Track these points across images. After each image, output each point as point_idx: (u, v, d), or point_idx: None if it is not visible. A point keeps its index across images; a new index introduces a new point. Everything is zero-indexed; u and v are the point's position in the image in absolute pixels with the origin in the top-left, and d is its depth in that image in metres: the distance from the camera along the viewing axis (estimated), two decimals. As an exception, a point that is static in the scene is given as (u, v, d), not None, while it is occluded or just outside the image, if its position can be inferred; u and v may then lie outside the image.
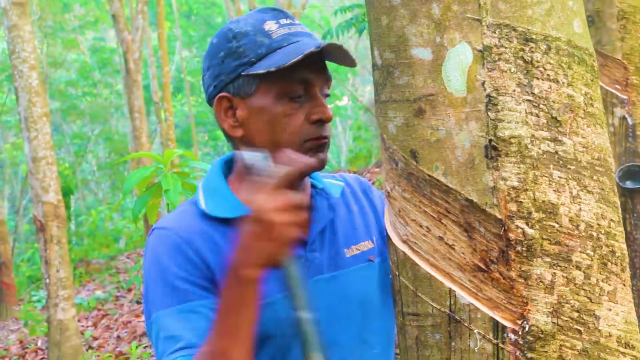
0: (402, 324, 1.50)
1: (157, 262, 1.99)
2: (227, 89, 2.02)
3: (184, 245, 1.96)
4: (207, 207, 2.03)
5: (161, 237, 2.02)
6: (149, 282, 2.00)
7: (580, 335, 1.33)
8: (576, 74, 1.37)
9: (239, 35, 2.00)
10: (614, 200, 1.41)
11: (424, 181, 1.39)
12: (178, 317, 1.92)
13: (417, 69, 1.39)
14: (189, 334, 1.89)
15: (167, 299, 1.94)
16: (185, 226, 2.01)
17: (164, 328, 1.93)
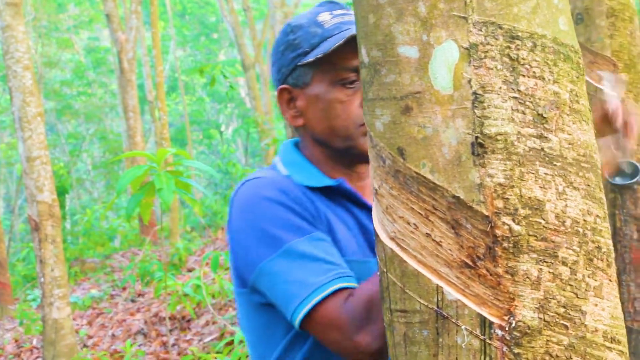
0: (390, 320, 1.51)
1: (262, 203, 1.96)
2: (287, 80, 2.11)
3: (286, 189, 1.99)
4: (295, 177, 2.07)
5: (258, 183, 2.02)
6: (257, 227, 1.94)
7: (567, 330, 1.34)
8: (562, 71, 1.38)
9: (295, 29, 2.09)
10: (600, 196, 1.42)
11: (411, 178, 1.40)
12: (312, 245, 1.89)
13: (404, 67, 1.40)
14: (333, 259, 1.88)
15: (290, 232, 1.90)
16: (278, 182, 2.04)
17: (299, 256, 1.87)
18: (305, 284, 1.83)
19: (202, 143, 35.67)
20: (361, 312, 1.77)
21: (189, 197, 5.55)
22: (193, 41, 35.62)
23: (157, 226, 16.25)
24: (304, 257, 1.86)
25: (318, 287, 1.81)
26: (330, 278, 1.82)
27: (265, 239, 1.92)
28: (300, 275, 1.85)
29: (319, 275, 1.83)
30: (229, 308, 9.41)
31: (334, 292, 1.81)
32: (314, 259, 1.86)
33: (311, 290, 1.82)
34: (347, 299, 1.80)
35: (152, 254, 15.24)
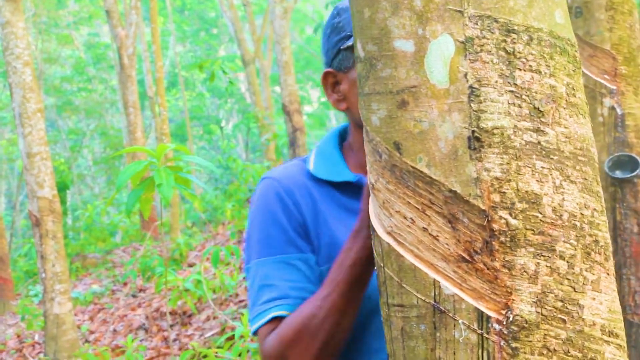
0: (388, 315, 1.51)
1: (260, 210, 2.08)
2: (332, 64, 2.12)
3: (285, 195, 2.06)
4: (314, 168, 2.12)
5: (266, 186, 2.11)
6: (251, 229, 2.09)
7: (565, 324, 1.34)
8: (558, 65, 1.38)
9: (341, 11, 2.10)
10: (597, 189, 1.42)
11: (408, 173, 1.40)
12: (274, 267, 2.01)
13: (400, 61, 1.40)
14: (285, 285, 1.97)
15: (265, 248, 2.03)
16: (290, 178, 2.11)
17: (260, 276, 2.01)
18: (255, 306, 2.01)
19: (202, 138, 35.67)
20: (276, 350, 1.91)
21: (188, 193, 5.54)
22: (193, 36, 35.59)
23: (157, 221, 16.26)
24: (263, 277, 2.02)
25: (259, 313, 1.98)
26: (271, 306, 1.96)
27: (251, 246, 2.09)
28: (255, 295, 2.02)
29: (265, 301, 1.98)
30: (229, 303, 9.42)
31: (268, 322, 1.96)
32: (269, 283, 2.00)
33: (255, 314, 2.00)
34: (270, 332, 1.95)
35: (153, 249, 15.25)
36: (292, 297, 1.96)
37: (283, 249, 2.02)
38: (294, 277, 1.99)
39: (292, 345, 1.86)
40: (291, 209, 2.05)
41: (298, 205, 2.06)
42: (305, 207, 2.06)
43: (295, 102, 12.53)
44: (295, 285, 1.98)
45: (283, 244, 2.03)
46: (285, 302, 1.95)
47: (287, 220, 2.04)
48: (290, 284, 1.98)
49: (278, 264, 2.01)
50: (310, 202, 2.07)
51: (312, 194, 2.08)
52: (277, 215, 2.04)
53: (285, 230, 2.03)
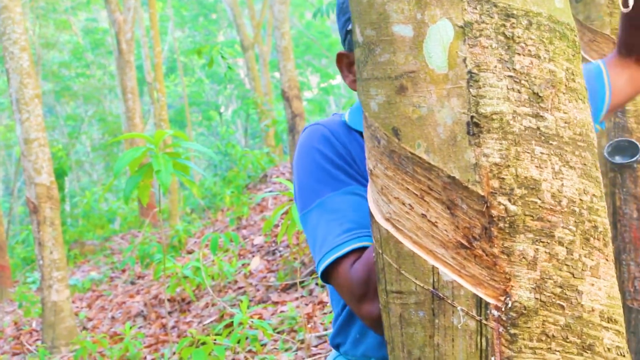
0: (386, 302, 1.50)
1: (310, 152, 2.06)
2: (344, 45, 2.10)
3: (333, 138, 2.05)
4: (349, 119, 2.12)
5: (314, 131, 2.10)
6: (303, 174, 2.06)
7: (563, 310, 1.33)
8: (557, 50, 1.37)
9: None
10: (596, 175, 1.41)
11: (406, 159, 1.39)
12: (342, 200, 1.97)
13: (399, 46, 1.39)
14: (358, 215, 1.93)
15: (326, 186, 2.00)
16: (334, 126, 2.10)
17: (328, 212, 1.96)
18: (326, 242, 1.92)
19: (201, 124, 35.64)
20: (363, 278, 1.81)
21: (187, 179, 5.54)
22: (191, 22, 35.54)
23: (156, 208, 16.26)
24: (332, 212, 1.95)
25: (335, 247, 1.89)
26: (348, 238, 1.89)
27: (307, 189, 2.05)
28: (325, 232, 1.94)
29: (339, 234, 1.90)
30: (228, 290, 9.43)
31: (348, 253, 1.88)
32: (341, 216, 1.94)
33: (329, 249, 1.90)
34: (354, 262, 1.86)
35: (152, 236, 15.25)
36: (369, 226, 1.84)
37: (345, 182, 1.99)
38: (366, 207, 1.92)
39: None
40: (341, 148, 2.04)
41: (346, 145, 2.05)
42: (353, 148, 2.05)
43: (295, 88, 12.51)
44: (368, 215, 1.88)
45: (344, 177, 2.00)
46: (363, 232, 1.89)
47: (340, 158, 2.03)
48: (363, 213, 1.92)
49: (345, 195, 1.97)
50: (358, 146, 2.06)
51: (358, 141, 2.08)
52: (330, 155, 2.03)
53: (341, 167, 2.02)
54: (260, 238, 11.15)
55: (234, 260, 10.01)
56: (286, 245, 10.09)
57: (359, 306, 1.84)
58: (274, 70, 29.72)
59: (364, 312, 1.83)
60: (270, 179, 16.60)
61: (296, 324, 7.27)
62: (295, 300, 8.06)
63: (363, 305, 1.83)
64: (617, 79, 2.22)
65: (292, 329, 7.25)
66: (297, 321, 7.30)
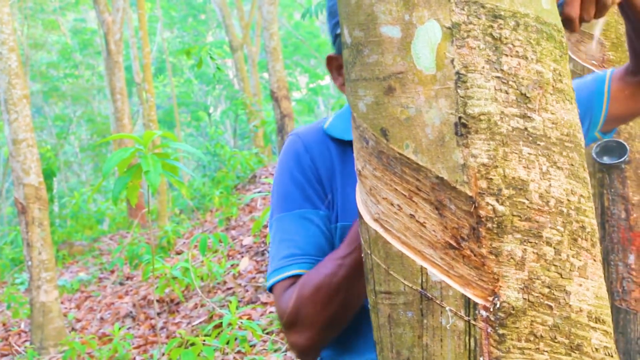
0: (375, 302, 1.51)
1: (281, 167, 2.14)
2: (334, 47, 2.11)
3: (303, 152, 2.10)
4: (328, 127, 2.15)
5: (288, 143, 2.17)
6: (274, 185, 2.17)
7: (551, 310, 1.34)
8: (545, 50, 1.38)
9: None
10: (584, 176, 1.42)
11: (395, 159, 1.39)
12: (292, 222, 2.05)
13: (387, 47, 1.39)
14: (303, 241, 2.00)
15: (285, 204, 2.08)
16: (312, 135, 2.15)
17: (280, 231, 2.05)
18: (274, 261, 2.03)
19: (190, 125, 35.59)
20: (292, 308, 1.89)
21: (175, 180, 5.53)
22: (180, 22, 35.50)
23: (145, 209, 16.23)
24: (284, 232, 2.05)
25: (277, 269, 2.00)
26: (288, 263, 1.98)
27: (273, 202, 2.14)
28: (275, 250, 2.05)
29: (283, 257, 2.00)
30: (217, 291, 9.42)
31: (286, 278, 1.97)
32: (289, 238, 2.02)
33: (273, 269, 2.01)
34: (287, 288, 1.95)
35: (141, 236, 15.23)
36: (311, 254, 1.98)
37: (300, 204, 2.06)
38: (311, 233, 2.01)
39: (309, 303, 1.85)
40: (308, 165, 2.09)
41: (315, 160, 2.09)
42: (322, 162, 2.09)
43: (284, 89, 12.53)
44: (313, 241, 2.00)
45: (300, 199, 2.06)
46: (303, 259, 1.97)
47: (304, 177, 2.08)
48: (308, 239, 2.00)
49: (296, 219, 2.04)
50: (328, 158, 2.10)
51: (330, 151, 2.11)
52: (295, 172, 2.09)
53: (302, 186, 2.07)
54: (249, 239, 11.14)
55: (223, 261, 10.01)
56: (275, 246, 10.07)
57: (287, 334, 1.93)
58: (262, 71, 29.70)
59: (290, 341, 1.93)
60: (259, 179, 16.58)
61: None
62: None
63: (289, 333, 1.92)
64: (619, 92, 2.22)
65: (281, 330, 7.26)
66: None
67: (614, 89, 2.23)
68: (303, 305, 1.86)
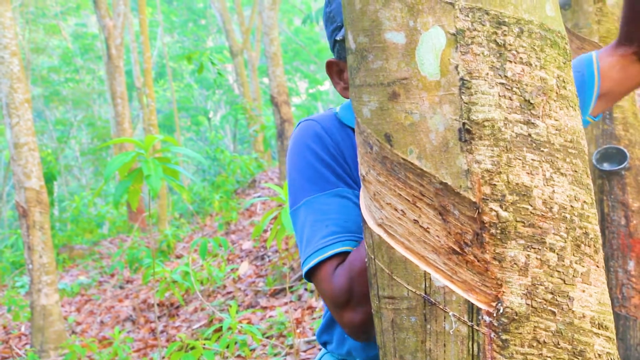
0: (378, 307, 1.51)
1: (302, 149, 2.06)
2: (333, 52, 2.09)
3: (325, 134, 2.06)
4: (341, 116, 2.12)
5: (307, 127, 2.11)
6: (294, 170, 2.07)
7: (554, 316, 1.34)
8: (549, 57, 1.38)
9: (331, 0, 2.06)
10: (587, 182, 1.42)
11: (399, 165, 1.40)
12: (328, 202, 1.98)
13: (391, 53, 1.39)
14: (343, 219, 1.94)
15: (315, 185, 2.01)
16: (327, 121, 2.11)
17: (314, 213, 1.97)
18: (311, 243, 1.94)
19: (190, 129, 35.59)
20: (345, 285, 1.82)
21: (176, 184, 5.54)
22: (181, 27, 35.51)
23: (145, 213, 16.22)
24: (319, 212, 1.97)
25: (319, 249, 1.90)
26: (332, 241, 1.90)
27: (297, 186, 2.06)
28: (310, 232, 1.96)
29: (324, 236, 1.92)
30: (217, 295, 9.42)
31: (331, 257, 1.89)
32: (326, 217, 1.95)
33: (313, 250, 1.92)
34: (336, 267, 1.87)
35: (141, 240, 15.23)
36: (354, 231, 1.92)
37: (334, 183, 2.00)
38: (351, 210, 1.96)
39: (362, 279, 1.77)
40: (332, 146, 2.05)
41: (337, 142, 2.06)
42: (344, 145, 2.06)
43: (284, 94, 12.52)
44: (354, 219, 1.94)
45: (333, 178, 2.01)
46: (347, 236, 1.90)
47: (330, 157, 2.03)
48: (349, 216, 1.94)
49: (332, 197, 1.98)
50: (349, 142, 2.07)
51: (350, 136, 2.08)
52: (321, 153, 2.04)
53: (331, 166, 2.02)
54: (248, 243, 11.14)
55: (223, 265, 10.00)
56: (275, 251, 10.09)
57: (340, 313, 1.85)
58: (262, 76, 29.72)
59: (345, 320, 1.85)
60: (259, 184, 16.60)
61: (285, 329, 7.27)
62: (284, 305, 8.05)
63: (344, 312, 1.84)
64: (610, 69, 2.21)
65: (281, 334, 7.25)
66: (286, 326, 7.29)
67: (604, 67, 2.22)
68: (356, 281, 1.79)
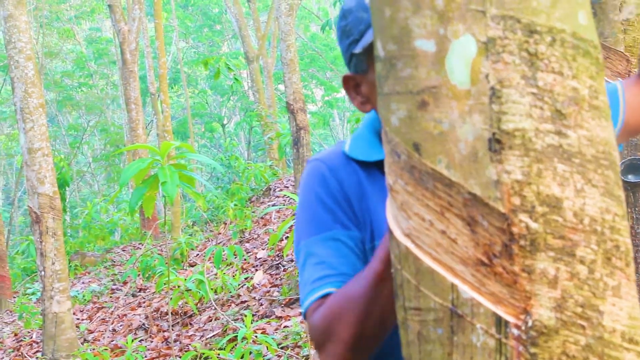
0: (404, 318, 1.49)
1: (306, 191, 2.12)
2: (349, 67, 2.10)
3: (329, 175, 2.09)
4: (349, 149, 2.14)
5: (311, 168, 2.15)
6: (299, 211, 2.14)
7: (584, 330, 1.32)
8: (581, 67, 1.36)
9: (346, 13, 2.06)
10: (619, 194, 1.40)
11: (427, 174, 1.38)
12: (322, 245, 2.02)
13: (421, 61, 1.38)
14: (335, 262, 1.97)
15: (312, 228, 2.06)
16: (335, 158, 2.14)
17: (310, 255, 2.03)
18: (307, 285, 2.00)
19: (204, 136, 35.66)
20: (322, 327, 1.88)
21: (192, 191, 5.54)
22: (196, 33, 35.63)
23: (158, 220, 16.25)
24: (316, 255, 2.02)
25: (310, 291, 1.97)
26: (322, 283, 1.96)
27: (300, 226, 2.12)
28: (307, 275, 2.01)
29: (316, 279, 1.97)
30: (231, 304, 9.41)
31: (319, 299, 1.95)
32: (321, 261, 2.00)
33: (307, 292, 1.98)
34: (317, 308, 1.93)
35: (154, 248, 15.25)
36: (345, 273, 1.95)
37: (330, 226, 2.04)
38: (344, 253, 1.99)
39: (339, 318, 1.82)
40: (335, 188, 2.07)
41: (342, 182, 2.08)
42: (349, 184, 2.08)
43: (300, 101, 12.50)
44: (346, 261, 1.98)
45: (329, 222, 2.04)
46: (336, 279, 1.94)
47: (332, 200, 2.06)
48: (341, 259, 1.98)
49: (326, 241, 2.02)
50: (356, 180, 2.09)
51: (357, 173, 2.10)
52: (322, 195, 2.07)
53: (330, 209, 2.05)
54: (263, 252, 11.14)
55: (237, 274, 10.01)
56: (290, 260, 10.09)
57: (319, 353, 1.90)
58: (278, 83, 29.78)
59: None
60: (273, 192, 16.62)
61: (300, 339, 7.26)
62: (300, 316, 8.04)
63: (321, 354, 1.88)
64: (635, 99, 2.20)
65: (297, 345, 7.23)
66: (301, 336, 7.28)
67: (629, 97, 2.22)
68: (333, 322, 1.83)
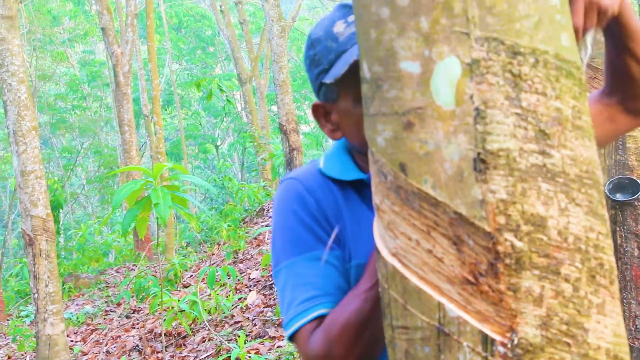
0: (392, 337, 1.50)
1: (283, 211, 2.08)
2: (319, 96, 2.10)
3: (306, 193, 2.07)
4: (325, 169, 2.12)
5: (287, 187, 2.12)
6: (276, 232, 2.09)
7: (569, 348, 1.33)
8: (564, 87, 1.38)
9: (315, 42, 2.06)
10: (602, 213, 1.41)
11: (413, 194, 1.39)
12: (307, 265, 1.99)
13: (406, 83, 1.39)
14: (322, 282, 1.96)
15: (295, 248, 2.02)
16: (309, 178, 2.12)
17: (294, 276, 2.00)
18: (292, 307, 1.97)
19: (197, 157, 35.66)
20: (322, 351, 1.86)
21: (185, 212, 5.54)
22: (189, 55, 35.70)
23: (152, 241, 16.22)
24: (299, 276, 2.00)
25: (299, 313, 1.95)
26: (311, 304, 1.94)
27: (278, 248, 2.08)
28: (291, 296, 1.99)
29: (303, 301, 1.95)
30: (225, 325, 9.40)
31: (311, 321, 1.93)
32: (306, 281, 1.98)
33: (294, 315, 1.96)
34: (314, 331, 1.91)
35: (147, 269, 15.21)
36: (332, 293, 1.94)
37: (312, 246, 2.01)
38: (329, 273, 1.98)
39: (339, 342, 1.82)
40: (313, 206, 2.05)
41: (319, 202, 2.06)
42: (326, 203, 2.07)
43: (293, 122, 12.52)
44: (332, 281, 1.97)
45: (312, 241, 2.02)
46: (326, 299, 1.93)
47: (311, 218, 2.04)
48: (327, 279, 1.96)
49: (310, 261, 1.99)
50: (332, 199, 2.08)
51: (332, 191, 2.09)
52: (301, 214, 2.04)
53: (311, 228, 2.03)
54: (257, 272, 11.13)
55: (231, 295, 9.99)
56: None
57: None
58: (271, 104, 29.80)
59: None
60: (267, 212, 16.60)
61: (294, 359, 7.25)
62: (291, 335, 8.02)
63: None
64: (598, 115, 2.22)
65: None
66: (294, 356, 7.27)
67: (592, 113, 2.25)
68: (334, 345, 1.83)
